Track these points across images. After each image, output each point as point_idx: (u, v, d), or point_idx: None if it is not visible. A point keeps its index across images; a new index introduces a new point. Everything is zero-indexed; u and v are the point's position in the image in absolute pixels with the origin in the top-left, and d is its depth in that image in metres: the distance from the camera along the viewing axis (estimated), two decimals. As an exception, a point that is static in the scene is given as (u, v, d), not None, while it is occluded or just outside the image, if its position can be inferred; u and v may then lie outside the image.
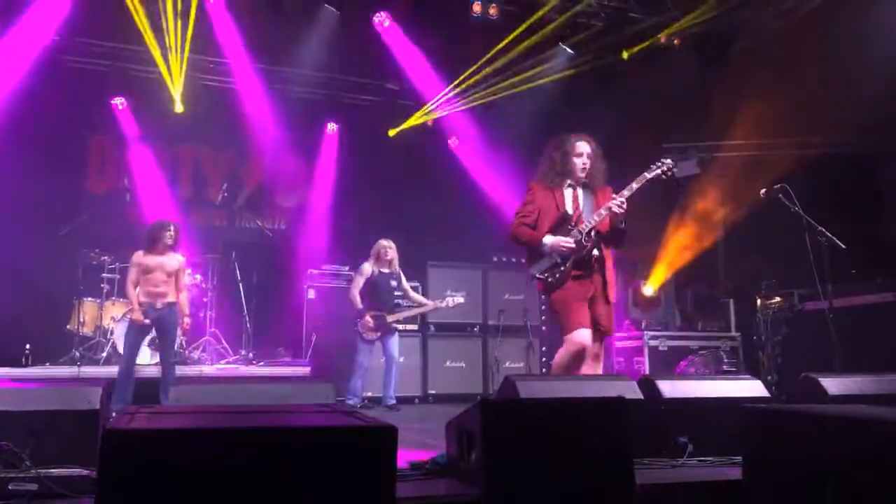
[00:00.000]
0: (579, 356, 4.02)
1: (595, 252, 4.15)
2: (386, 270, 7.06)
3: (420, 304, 7.30)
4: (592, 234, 4.13)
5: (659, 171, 4.16)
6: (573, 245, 4.08)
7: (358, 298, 6.94)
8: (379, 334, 6.91)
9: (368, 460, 1.97)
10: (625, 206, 4.07)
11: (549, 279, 4.13)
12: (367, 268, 7.04)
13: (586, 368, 4.10)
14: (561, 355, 4.09)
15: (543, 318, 8.43)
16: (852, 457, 2.08)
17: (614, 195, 4.14)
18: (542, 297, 4.30)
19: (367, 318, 6.86)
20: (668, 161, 4.18)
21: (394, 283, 7.10)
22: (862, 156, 7.34)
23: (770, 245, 7.07)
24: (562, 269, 4.10)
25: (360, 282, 7.02)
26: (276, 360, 8.05)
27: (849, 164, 7.36)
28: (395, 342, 7.02)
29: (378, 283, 7.00)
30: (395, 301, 7.14)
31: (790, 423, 2.42)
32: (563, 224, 4.17)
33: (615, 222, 4.15)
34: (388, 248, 7.06)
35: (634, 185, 4.13)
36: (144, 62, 8.42)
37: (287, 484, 1.89)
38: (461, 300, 7.37)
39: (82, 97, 8.34)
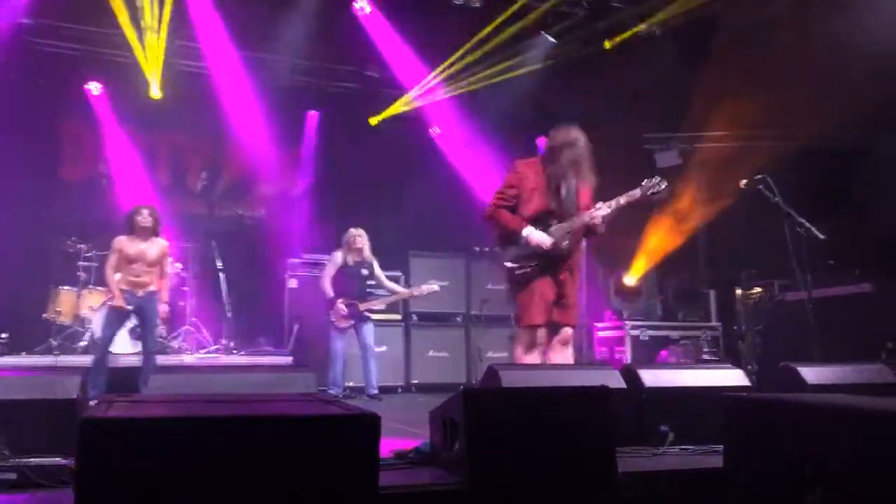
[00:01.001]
0: (533, 348, 4.09)
1: (566, 244, 4.13)
2: (357, 259, 7.05)
3: (393, 292, 7.29)
4: (566, 240, 4.12)
5: (649, 191, 4.15)
6: (550, 244, 4.07)
7: (329, 287, 6.94)
8: (352, 322, 6.90)
9: (351, 449, 1.96)
10: (606, 217, 4.10)
11: (517, 272, 4.14)
12: (339, 257, 7.04)
13: (556, 358, 4.15)
14: (517, 349, 4.17)
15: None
16: (831, 445, 2.10)
17: (599, 204, 4.13)
18: (507, 283, 4.28)
19: (340, 305, 6.85)
20: (660, 180, 4.15)
21: (365, 272, 7.09)
22: (841, 149, 7.42)
23: (750, 236, 7.13)
24: (532, 263, 4.10)
25: (330, 270, 7.01)
26: (257, 350, 8.00)
27: (829, 157, 7.44)
28: (369, 330, 7.01)
29: (349, 271, 7.00)
30: (368, 289, 7.12)
31: (770, 411, 2.44)
32: (544, 217, 4.15)
33: (594, 228, 4.17)
34: (358, 236, 7.05)
35: (622, 201, 4.13)
36: (119, 46, 8.24)
37: (269, 473, 1.88)
38: (436, 287, 7.34)
39: (53, 82, 8.17)
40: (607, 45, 8.13)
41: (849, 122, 6.88)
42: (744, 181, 4.98)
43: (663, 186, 4.15)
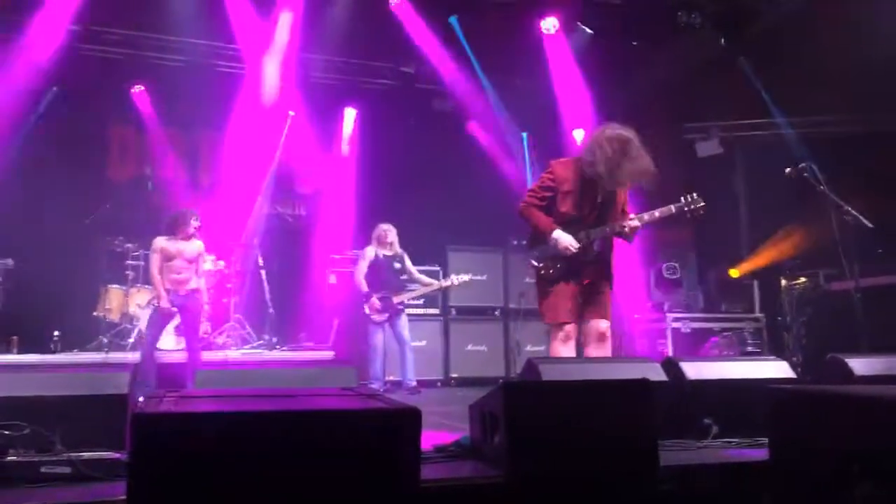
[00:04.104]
0: (567, 344, 4.05)
1: (596, 248, 4.09)
2: (388, 253, 7.11)
3: (426, 284, 7.34)
4: (596, 244, 4.08)
5: (686, 208, 4.08)
6: (577, 249, 4.03)
7: (363, 282, 7.01)
8: (386, 315, 6.96)
9: (393, 443, 1.98)
10: (637, 230, 4.05)
11: (543, 272, 4.13)
12: (370, 251, 7.11)
13: (593, 353, 4.10)
14: (552, 346, 4.13)
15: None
16: (880, 437, 2.05)
17: (632, 216, 4.07)
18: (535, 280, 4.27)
19: (374, 300, 6.92)
20: (698, 199, 4.08)
21: (397, 265, 7.15)
22: (888, 133, 7.20)
23: (793, 224, 6.99)
24: (557, 265, 4.08)
25: (363, 266, 7.09)
26: (299, 345, 8.11)
27: (874, 141, 7.23)
28: (403, 323, 7.07)
29: (381, 265, 7.07)
30: (401, 283, 7.17)
31: (817, 403, 2.40)
32: (576, 221, 4.10)
33: (625, 236, 4.12)
34: (388, 230, 7.13)
35: (657, 214, 4.07)
36: (162, 49, 8.46)
37: (313, 467, 1.91)
38: (466, 278, 7.33)
39: (100, 86, 8.37)
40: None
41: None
42: (788, 169, 4.88)
43: (701, 205, 4.08)
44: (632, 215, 4.12)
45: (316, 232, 9.17)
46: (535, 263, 4.17)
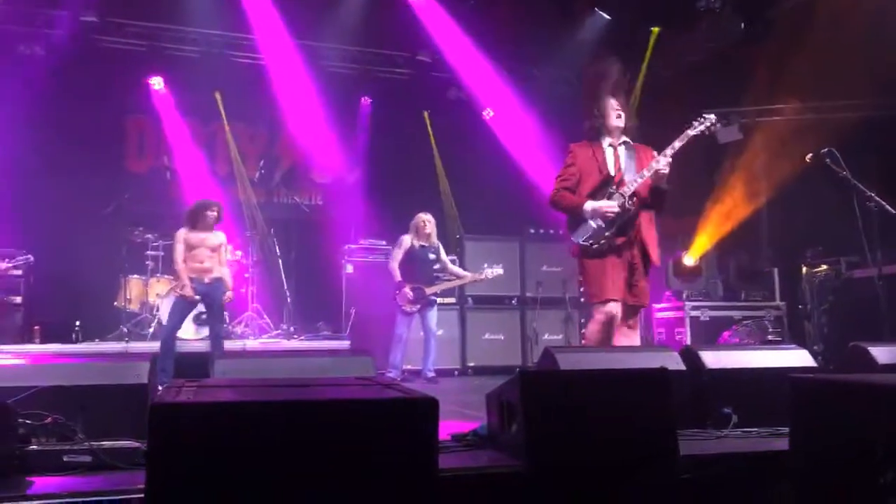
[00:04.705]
0: (609, 326, 3.96)
1: (630, 206, 4.02)
2: (425, 244, 7.08)
3: (459, 276, 7.32)
4: (635, 197, 4.01)
5: (702, 126, 4.03)
6: (617, 210, 3.97)
7: (398, 271, 6.99)
8: (418, 307, 6.95)
9: (411, 432, 1.98)
10: (669, 165, 3.96)
11: (594, 246, 4.02)
12: (407, 240, 7.07)
13: (622, 340, 4.04)
14: (592, 327, 4.05)
15: (581, 289, 8.37)
16: (904, 427, 2.02)
17: (657, 155, 4.04)
18: (578, 263, 4.21)
19: (407, 290, 6.90)
20: (711, 117, 4.03)
21: (432, 256, 7.12)
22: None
23: (816, 212, 6.89)
24: (606, 234, 3.99)
25: (398, 254, 7.06)
26: (316, 335, 8.16)
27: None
28: (433, 315, 7.05)
29: (417, 255, 7.03)
30: (435, 273, 7.16)
31: (840, 392, 2.37)
32: (604, 187, 4.05)
33: (658, 183, 4.02)
34: (428, 221, 7.08)
35: (677, 144, 4.00)
36: (180, 41, 8.51)
37: (331, 456, 1.92)
38: (500, 271, 7.34)
39: (118, 77, 8.43)
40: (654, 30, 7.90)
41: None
42: (809, 155, 4.80)
43: (714, 120, 4.03)
44: (654, 154, 4.06)
45: (332, 221, 9.20)
46: (582, 242, 4.05)
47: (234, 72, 8.70)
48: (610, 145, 4.16)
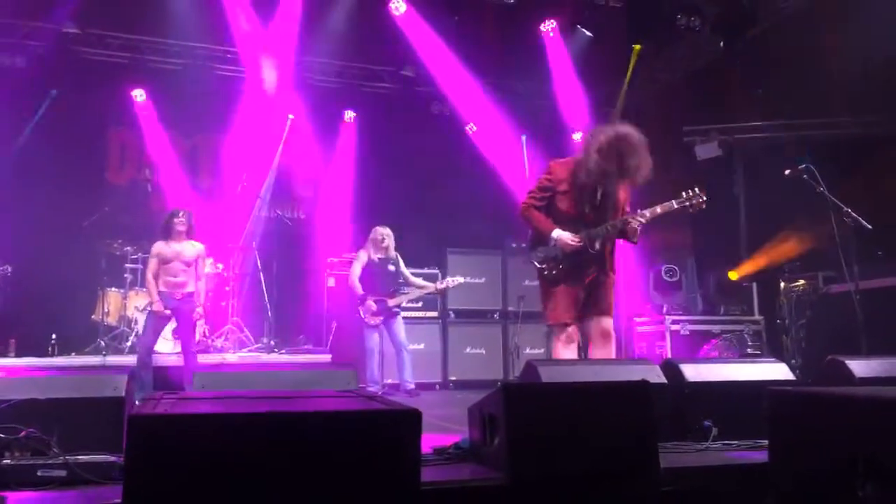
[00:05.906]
0: (569, 343, 4.05)
1: (597, 247, 4.06)
2: (382, 256, 7.10)
3: (420, 287, 7.33)
4: (598, 243, 4.06)
5: (688, 202, 4.06)
6: (579, 246, 4.02)
7: (358, 284, 7.00)
8: (381, 318, 6.95)
9: (393, 444, 1.97)
10: (641, 225, 4.02)
11: (546, 272, 4.12)
12: (363, 255, 7.11)
13: (597, 353, 4.10)
14: (554, 345, 4.15)
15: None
16: (883, 439, 2.04)
17: (639, 211, 4.05)
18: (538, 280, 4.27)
19: (370, 302, 6.91)
20: (701, 196, 4.06)
21: (392, 268, 7.13)
22: (888, 135, 7.21)
23: (793, 227, 6.98)
24: (560, 266, 4.06)
25: (357, 269, 7.08)
26: (297, 348, 8.09)
27: (874, 144, 7.23)
28: (399, 326, 7.05)
29: (376, 268, 7.06)
30: (397, 286, 7.17)
31: (818, 405, 2.39)
32: (577, 220, 4.09)
33: (629, 236, 4.10)
34: (384, 234, 7.10)
35: (659, 210, 4.06)
36: (162, 53, 8.48)
37: (312, 468, 1.90)
38: (461, 280, 7.36)
39: (100, 89, 8.37)
40: (636, 48, 8.00)
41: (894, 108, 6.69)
42: (787, 171, 4.87)
43: (702, 199, 4.07)
44: (633, 212, 4.11)
45: (315, 235, 9.17)
46: (538, 264, 4.15)
47: (217, 84, 8.66)
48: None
